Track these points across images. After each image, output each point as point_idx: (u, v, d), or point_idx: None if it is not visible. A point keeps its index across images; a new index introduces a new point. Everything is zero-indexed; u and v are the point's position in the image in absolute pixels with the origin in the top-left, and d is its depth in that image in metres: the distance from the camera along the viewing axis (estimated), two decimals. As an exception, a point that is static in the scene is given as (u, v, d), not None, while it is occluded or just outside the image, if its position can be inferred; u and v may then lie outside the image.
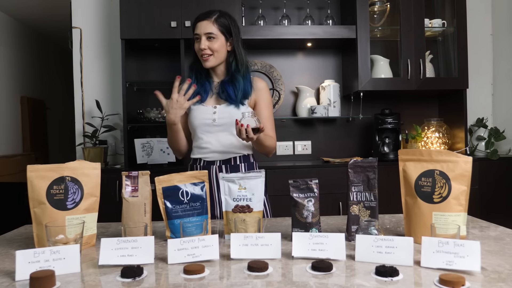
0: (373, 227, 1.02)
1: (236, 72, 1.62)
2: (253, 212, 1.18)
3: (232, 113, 1.58)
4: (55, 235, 0.96)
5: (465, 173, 1.08)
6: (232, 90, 1.60)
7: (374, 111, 2.89)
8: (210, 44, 1.57)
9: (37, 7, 4.70)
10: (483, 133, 2.96)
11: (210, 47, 1.57)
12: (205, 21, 1.58)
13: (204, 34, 1.57)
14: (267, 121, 1.63)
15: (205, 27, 1.57)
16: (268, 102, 1.68)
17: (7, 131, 4.89)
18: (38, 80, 5.79)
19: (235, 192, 1.19)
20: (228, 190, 1.20)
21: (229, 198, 1.20)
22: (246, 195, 1.19)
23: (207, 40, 1.57)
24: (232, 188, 1.20)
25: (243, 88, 1.61)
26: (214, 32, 1.57)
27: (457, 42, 2.78)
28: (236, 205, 1.19)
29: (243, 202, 1.19)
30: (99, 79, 3.03)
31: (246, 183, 1.19)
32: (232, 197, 1.19)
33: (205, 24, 1.57)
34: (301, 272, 0.89)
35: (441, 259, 0.89)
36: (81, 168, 1.15)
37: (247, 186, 1.19)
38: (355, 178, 1.15)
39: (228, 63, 1.64)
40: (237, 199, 1.19)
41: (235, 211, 1.18)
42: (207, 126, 1.61)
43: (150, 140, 2.70)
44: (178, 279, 0.86)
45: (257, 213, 1.19)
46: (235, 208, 1.18)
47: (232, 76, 1.62)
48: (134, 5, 2.62)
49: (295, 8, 3.00)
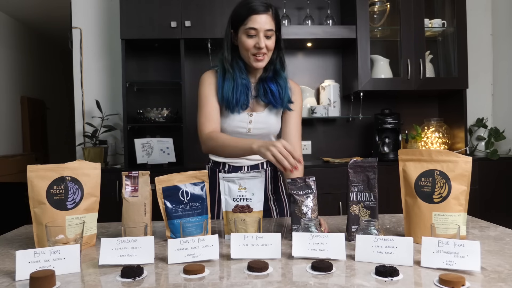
0: (373, 227, 1.02)
1: (281, 69, 1.46)
2: (253, 212, 1.18)
3: (270, 123, 1.45)
4: (55, 235, 0.96)
5: (465, 173, 1.08)
6: (277, 89, 1.45)
7: (374, 111, 2.89)
8: (268, 42, 1.38)
9: (37, 7, 4.70)
10: (483, 133, 2.96)
11: (267, 46, 1.39)
12: (265, 15, 1.36)
13: (264, 30, 1.36)
14: (296, 131, 1.50)
15: (265, 22, 1.36)
16: (300, 110, 1.54)
17: (7, 131, 4.89)
18: (38, 80, 5.79)
19: (235, 192, 1.19)
20: (228, 190, 1.20)
21: (229, 198, 1.20)
22: (246, 195, 1.19)
23: (265, 38, 1.38)
24: (232, 188, 1.20)
25: (287, 88, 1.46)
26: (273, 29, 1.38)
27: (457, 42, 2.78)
28: (236, 205, 1.19)
29: (243, 202, 1.19)
30: (99, 79, 3.03)
31: (246, 183, 1.19)
32: (232, 197, 1.19)
33: (265, 19, 1.36)
34: (301, 272, 0.89)
35: (441, 259, 0.89)
36: (81, 168, 1.15)
37: (247, 186, 1.19)
38: (355, 178, 1.15)
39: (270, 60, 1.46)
40: (237, 199, 1.19)
41: (235, 211, 1.18)
42: (239, 134, 1.47)
43: (150, 140, 2.70)
44: (178, 279, 0.86)
45: (257, 213, 1.19)
46: (235, 208, 1.18)
47: (275, 73, 1.46)
48: (134, 5, 2.62)
49: (295, 8, 3.00)
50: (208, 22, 2.63)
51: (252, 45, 1.38)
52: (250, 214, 1.17)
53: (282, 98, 1.45)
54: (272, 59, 1.46)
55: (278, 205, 1.59)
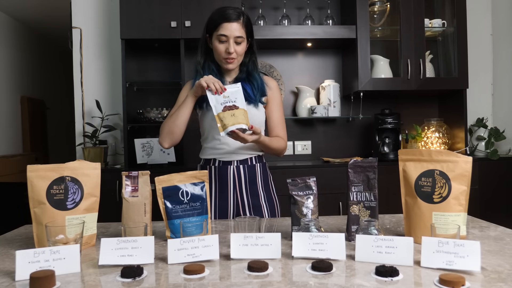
0: (373, 227, 1.02)
1: (253, 70, 1.60)
2: (239, 108, 1.38)
3: (251, 113, 1.51)
4: (55, 235, 0.96)
5: (465, 173, 1.08)
6: (251, 89, 1.57)
7: (374, 111, 2.89)
8: (237, 47, 1.52)
9: (37, 7, 4.70)
10: (483, 133, 2.96)
11: (237, 51, 1.52)
12: (236, 23, 1.50)
13: (233, 37, 1.50)
14: (278, 122, 1.62)
15: (235, 30, 1.50)
16: (279, 102, 1.65)
17: (7, 131, 4.89)
18: (38, 80, 5.79)
19: (220, 98, 1.39)
20: (214, 99, 1.39)
21: (217, 104, 1.38)
22: (230, 99, 1.39)
23: (235, 44, 1.51)
24: (217, 97, 1.39)
25: (261, 86, 1.59)
26: (243, 36, 1.52)
27: (457, 42, 2.78)
28: (224, 106, 1.38)
29: (230, 103, 1.39)
30: (99, 79, 3.03)
31: (227, 93, 1.40)
32: (219, 102, 1.38)
33: (236, 27, 1.50)
34: (301, 272, 0.89)
35: (441, 259, 0.89)
36: (81, 168, 1.15)
37: (229, 95, 1.40)
38: (355, 178, 1.15)
39: (242, 61, 1.60)
40: (223, 103, 1.39)
41: (224, 110, 1.37)
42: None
43: (150, 140, 2.70)
44: (178, 279, 0.86)
45: (242, 109, 1.39)
46: (224, 108, 1.37)
47: (249, 75, 1.60)
48: (134, 5, 2.62)
49: (295, 8, 3.00)
50: (208, 22, 2.63)
51: (223, 50, 1.52)
52: (237, 111, 1.37)
53: (255, 95, 1.58)
54: (244, 62, 1.61)
55: (269, 204, 1.63)
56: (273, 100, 1.64)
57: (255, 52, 1.62)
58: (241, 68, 1.62)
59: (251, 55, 1.61)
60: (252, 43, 1.60)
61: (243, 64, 1.61)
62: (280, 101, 1.66)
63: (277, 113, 1.64)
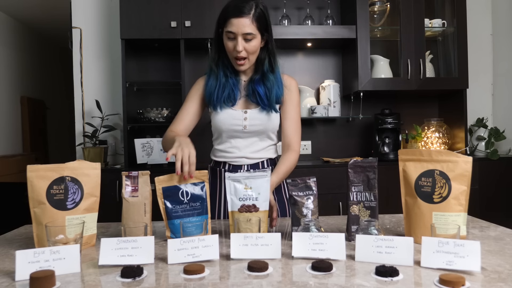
0: (373, 227, 1.02)
1: (268, 71, 1.46)
2: (259, 211, 1.17)
3: (264, 120, 1.45)
4: (55, 235, 0.96)
5: (465, 173, 1.08)
6: (264, 91, 1.45)
7: (374, 111, 2.89)
8: (247, 45, 1.37)
9: (37, 7, 4.69)
10: (483, 133, 2.96)
11: (247, 49, 1.37)
12: (244, 18, 1.33)
13: (241, 34, 1.35)
14: (293, 124, 1.50)
15: (243, 26, 1.34)
16: (297, 103, 1.52)
17: (7, 131, 4.89)
18: (38, 80, 5.79)
19: (241, 191, 1.17)
20: (234, 189, 1.18)
21: (235, 198, 1.18)
22: (252, 195, 1.17)
23: (244, 41, 1.36)
24: (238, 188, 1.17)
25: (275, 89, 1.45)
26: (253, 32, 1.35)
27: (457, 42, 2.78)
28: (242, 204, 1.17)
29: (249, 202, 1.17)
30: (99, 79, 3.03)
31: (251, 182, 1.17)
32: (238, 196, 1.17)
33: (244, 23, 1.33)
34: (301, 272, 0.89)
35: (441, 259, 0.89)
36: (81, 168, 1.15)
37: (252, 185, 1.17)
38: (355, 178, 1.15)
39: (259, 60, 1.45)
40: (243, 199, 1.17)
41: (241, 211, 1.16)
42: (236, 132, 1.48)
43: (150, 140, 2.70)
44: (178, 279, 0.86)
45: (262, 212, 1.17)
46: (241, 207, 1.16)
47: (263, 75, 1.46)
48: (134, 5, 2.62)
49: (295, 8, 3.00)
50: (208, 22, 2.63)
51: (232, 48, 1.39)
52: (256, 214, 1.16)
53: (269, 99, 1.45)
54: (260, 60, 1.46)
55: (280, 206, 1.59)
56: (290, 100, 1.50)
57: (272, 50, 1.46)
58: (257, 67, 1.47)
59: (269, 52, 1.46)
60: (269, 40, 1.44)
61: (260, 62, 1.46)
62: (297, 103, 1.52)
63: (293, 115, 1.50)
